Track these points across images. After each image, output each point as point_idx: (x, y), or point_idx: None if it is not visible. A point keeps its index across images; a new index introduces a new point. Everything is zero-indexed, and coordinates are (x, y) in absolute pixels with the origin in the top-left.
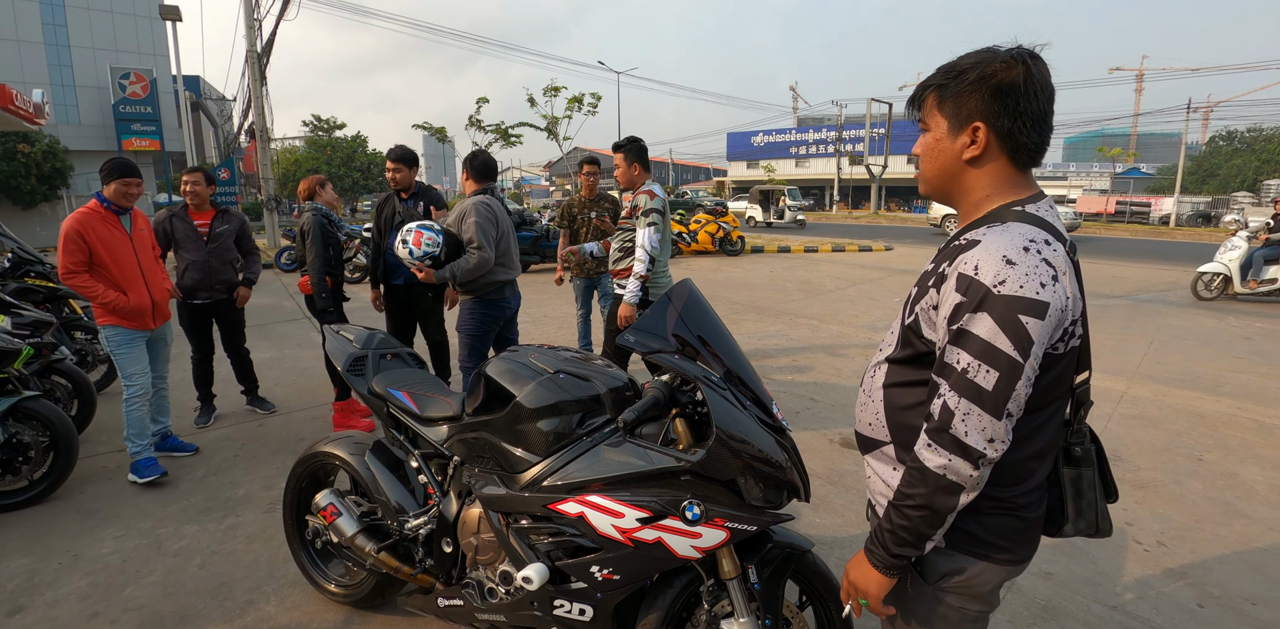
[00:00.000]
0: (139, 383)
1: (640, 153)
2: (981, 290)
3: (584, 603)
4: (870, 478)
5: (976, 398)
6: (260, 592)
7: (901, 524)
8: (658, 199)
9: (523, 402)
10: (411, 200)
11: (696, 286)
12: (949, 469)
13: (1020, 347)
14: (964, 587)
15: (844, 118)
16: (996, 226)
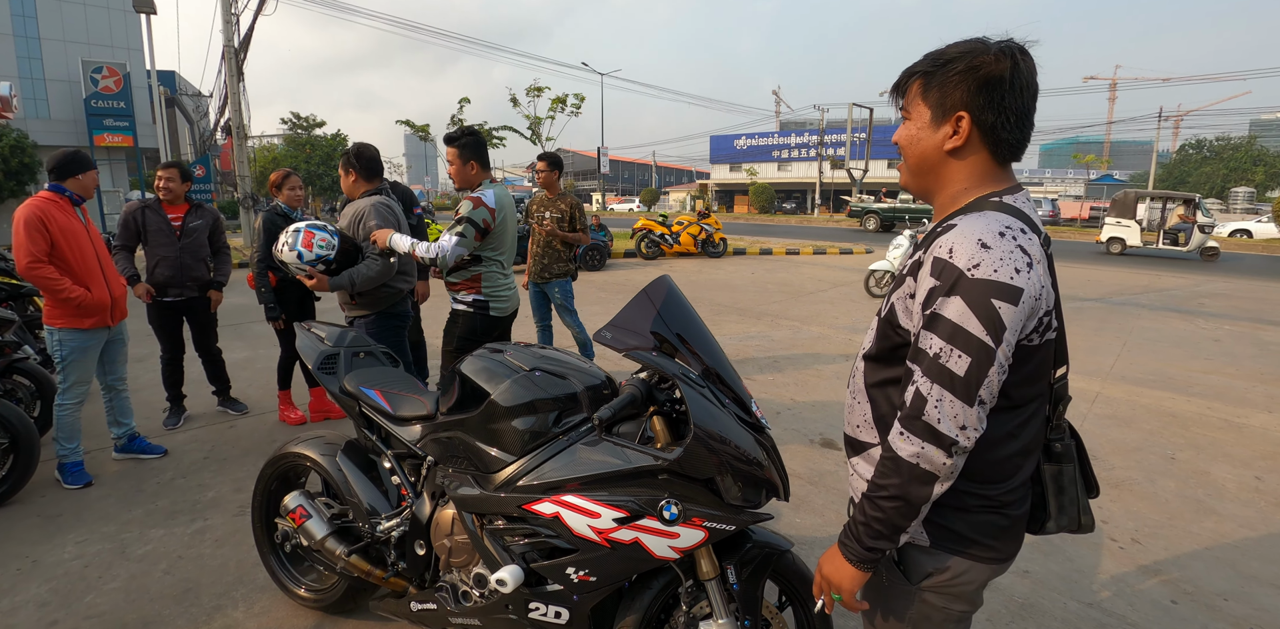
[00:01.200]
0: (79, 392)
1: (477, 148)
2: (955, 273)
3: (560, 606)
4: (853, 477)
5: (948, 384)
6: (228, 597)
7: (875, 516)
8: (481, 209)
9: (497, 400)
10: None
11: (675, 283)
12: (922, 457)
13: (992, 331)
14: (948, 586)
15: (826, 122)
16: (972, 214)
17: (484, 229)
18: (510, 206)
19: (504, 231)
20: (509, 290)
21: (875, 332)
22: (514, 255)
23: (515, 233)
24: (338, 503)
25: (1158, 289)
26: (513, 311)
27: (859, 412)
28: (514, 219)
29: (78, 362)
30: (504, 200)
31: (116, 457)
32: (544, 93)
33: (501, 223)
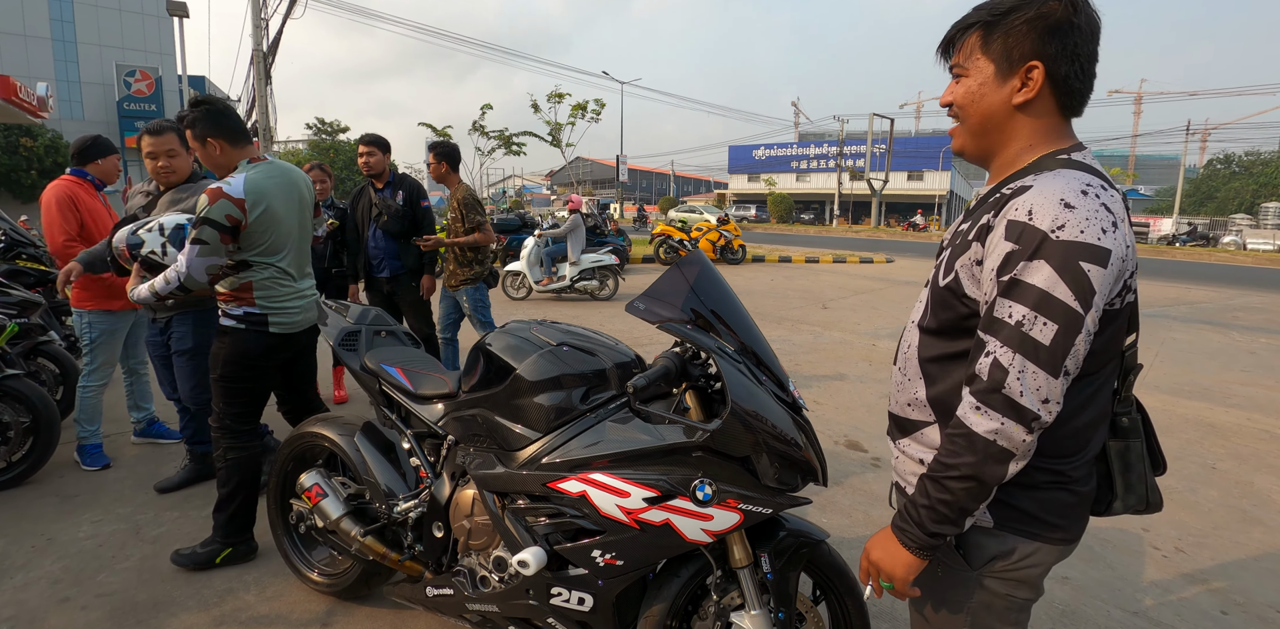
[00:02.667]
0: (104, 374)
1: (213, 120)
2: (1037, 236)
3: (584, 591)
4: (900, 460)
5: (1032, 354)
6: (240, 580)
7: (942, 498)
8: (222, 203)
9: (523, 374)
10: (388, 190)
11: (708, 258)
12: (1001, 434)
13: (1081, 297)
14: (1013, 570)
15: (845, 133)
16: (1046, 174)
17: (231, 228)
18: (281, 192)
19: (272, 227)
20: (299, 300)
21: (930, 303)
22: (304, 255)
23: (304, 227)
24: (354, 484)
25: (1188, 302)
26: (307, 329)
27: (910, 389)
28: (297, 208)
29: (106, 343)
30: (264, 185)
31: (135, 440)
32: (565, 99)
33: (263, 216)
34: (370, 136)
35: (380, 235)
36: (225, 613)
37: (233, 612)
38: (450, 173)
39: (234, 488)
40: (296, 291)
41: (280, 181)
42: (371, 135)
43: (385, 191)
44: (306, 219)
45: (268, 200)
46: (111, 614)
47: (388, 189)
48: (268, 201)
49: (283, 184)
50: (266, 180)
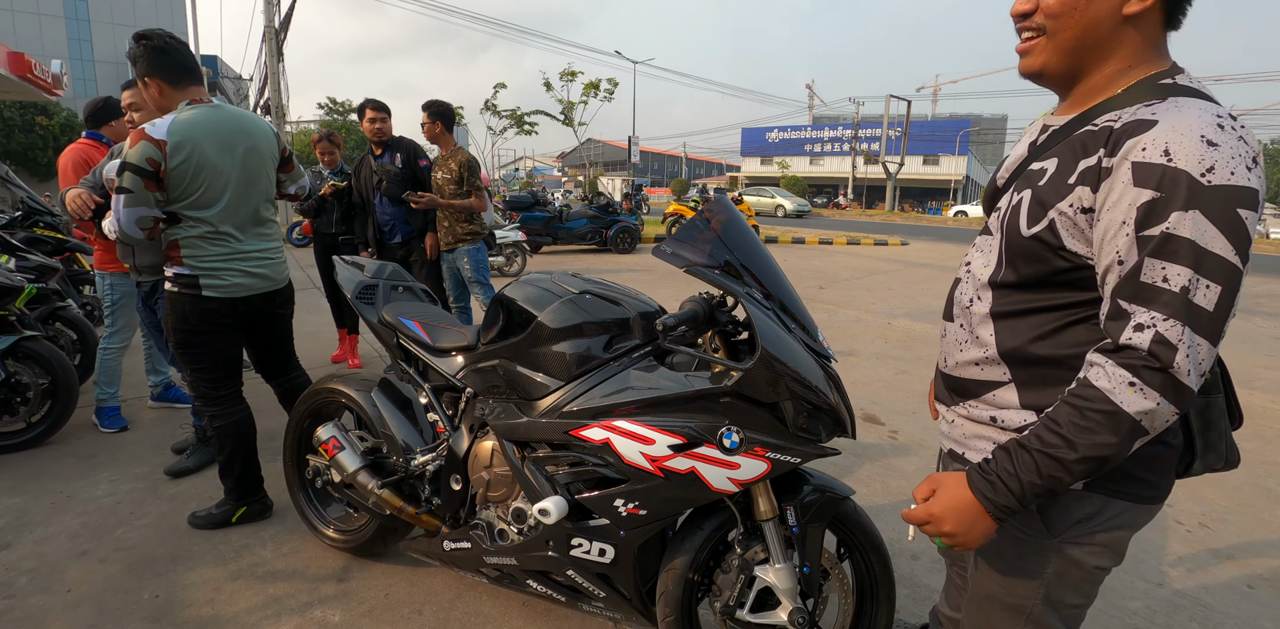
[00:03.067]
0: (124, 336)
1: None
2: (1184, 181)
3: (605, 542)
4: (955, 423)
5: (1199, 323)
6: (257, 537)
7: (1055, 476)
8: (143, 146)
9: (544, 322)
10: (385, 156)
11: (730, 202)
12: (1153, 415)
13: (1240, 249)
14: (1099, 533)
15: (860, 116)
16: (1161, 104)
17: (153, 173)
18: (217, 139)
19: (200, 176)
20: (240, 261)
21: (1006, 254)
22: (251, 212)
23: (252, 181)
24: (371, 437)
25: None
26: (258, 295)
27: (976, 347)
28: (239, 158)
29: (127, 306)
30: (194, 129)
31: (152, 405)
32: (577, 77)
33: (187, 163)
34: (378, 101)
35: (386, 202)
36: (242, 568)
37: (249, 567)
38: (444, 133)
39: (230, 454)
40: (236, 252)
41: (218, 127)
42: (378, 100)
43: (384, 157)
44: (258, 173)
45: (194, 145)
46: (130, 567)
47: (386, 154)
48: (194, 146)
49: (222, 130)
50: (199, 124)
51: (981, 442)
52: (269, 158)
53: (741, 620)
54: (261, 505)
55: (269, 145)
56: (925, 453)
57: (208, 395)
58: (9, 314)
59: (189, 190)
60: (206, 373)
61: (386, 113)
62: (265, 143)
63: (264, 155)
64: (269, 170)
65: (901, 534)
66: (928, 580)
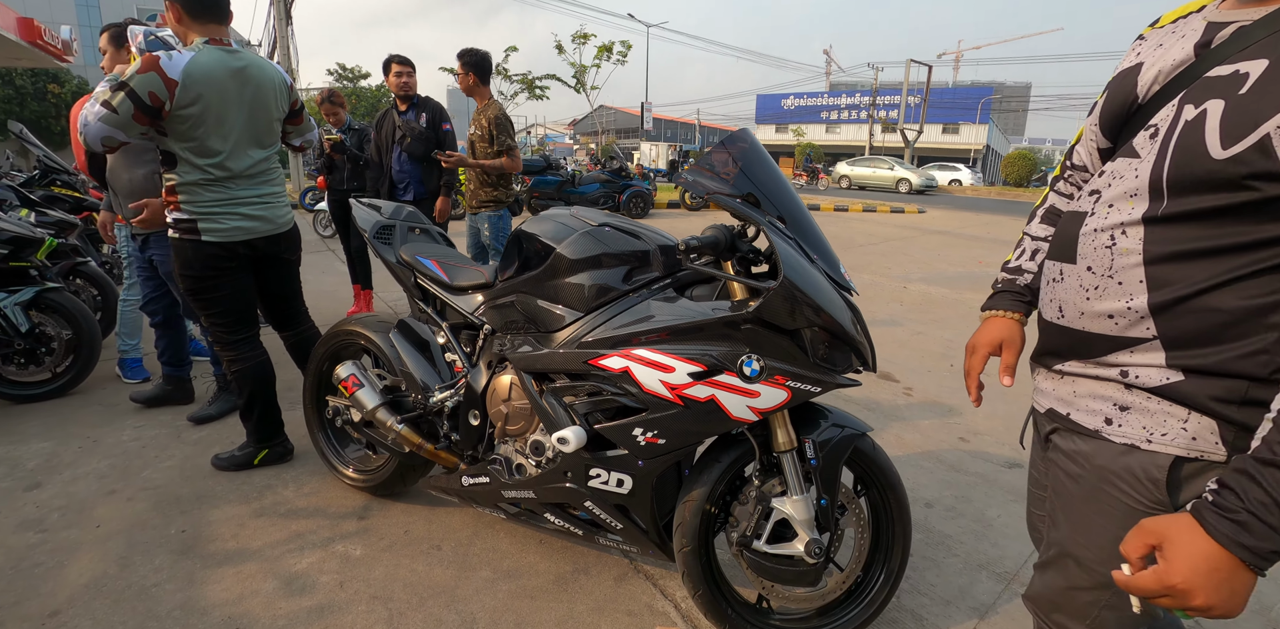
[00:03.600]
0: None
1: None
2: None
3: (623, 472)
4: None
5: None
6: (279, 478)
7: None
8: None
9: (563, 253)
10: (411, 112)
11: (753, 135)
12: None
13: None
14: None
15: (879, 83)
16: None
17: (151, 109)
18: (232, 87)
19: (205, 125)
20: (235, 206)
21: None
22: (253, 160)
23: (259, 132)
24: (390, 376)
25: None
26: (260, 238)
27: (1114, 296)
28: (247, 108)
29: None
30: (210, 74)
31: None
32: (590, 39)
33: (195, 109)
34: (403, 56)
35: (404, 158)
36: (265, 506)
37: (272, 505)
38: (479, 85)
39: (249, 397)
40: (233, 197)
41: (231, 75)
42: (402, 55)
43: (409, 114)
44: (264, 123)
45: (204, 93)
46: (156, 505)
47: (411, 111)
48: (204, 95)
49: (238, 78)
50: (214, 71)
51: (1098, 402)
52: (277, 108)
53: (758, 551)
54: (282, 449)
55: (279, 95)
56: (940, 409)
57: (224, 340)
58: (31, 266)
59: (190, 135)
60: (220, 318)
61: (412, 67)
62: (275, 93)
63: (272, 105)
64: (275, 120)
65: (919, 485)
66: (941, 527)
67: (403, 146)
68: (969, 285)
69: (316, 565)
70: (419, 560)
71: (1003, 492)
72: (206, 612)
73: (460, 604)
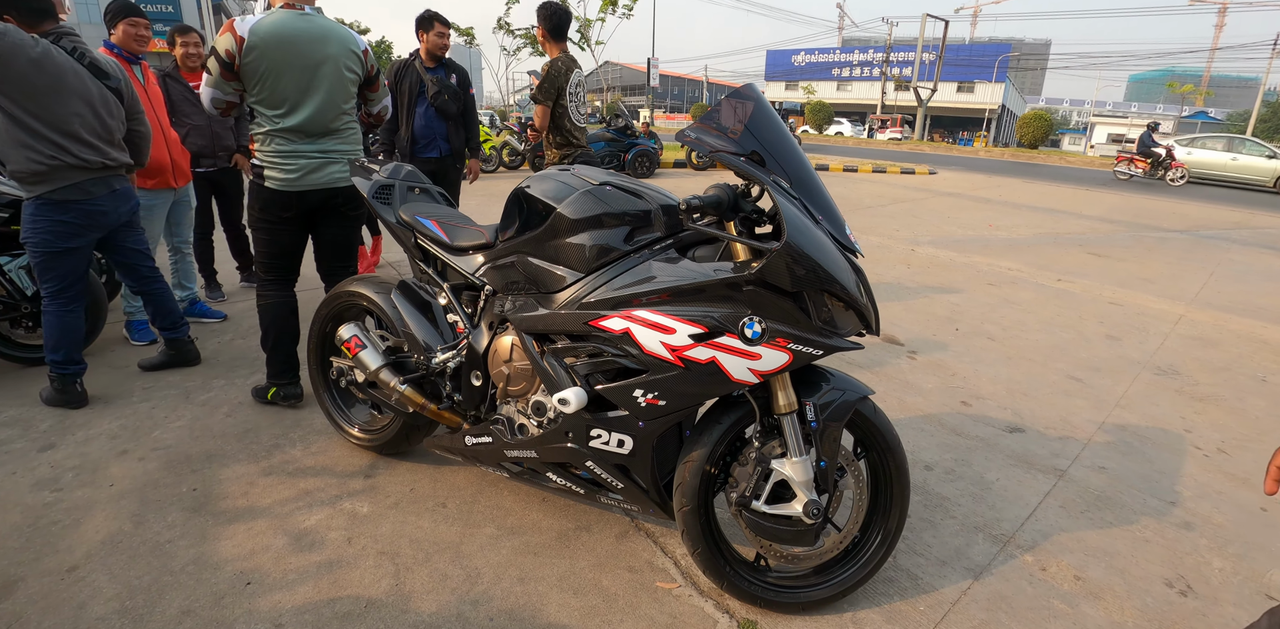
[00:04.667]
0: None
1: None
2: None
3: (623, 433)
4: None
5: None
6: (286, 438)
7: None
8: (226, 37)
9: (564, 212)
10: (440, 70)
11: (759, 91)
12: None
13: None
14: None
15: (893, 39)
16: None
17: (229, 64)
18: (292, 45)
19: (266, 78)
20: (299, 160)
21: None
22: (320, 120)
23: (321, 89)
24: (393, 337)
25: (1251, 226)
26: (315, 192)
27: None
28: (309, 67)
29: (149, 218)
30: (272, 32)
31: None
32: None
33: (254, 63)
34: (441, 15)
35: (433, 114)
36: (273, 465)
37: (280, 463)
38: (548, 41)
39: (265, 329)
40: (295, 151)
41: (297, 34)
42: (440, 14)
43: (438, 71)
44: (332, 84)
45: (265, 48)
46: (167, 464)
47: (440, 69)
48: (265, 49)
49: (300, 37)
50: (277, 29)
51: None
52: (346, 71)
53: (756, 511)
54: (290, 390)
55: (349, 59)
56: (943, 373)
57: (261, 278)
58: None
59: (257, 89)
60: (263, 256)
61: (450, 29)
62: (345, 56)
63: (340, 68)
64: (344, 83)
65: (919, 448)
66: (940, 489)
67: (437, 103)
68: (978, 249)
69: (325, 522)
70: (425, 517)
71: (1002, 455)
72: (219, 567)
73: (465, 560)
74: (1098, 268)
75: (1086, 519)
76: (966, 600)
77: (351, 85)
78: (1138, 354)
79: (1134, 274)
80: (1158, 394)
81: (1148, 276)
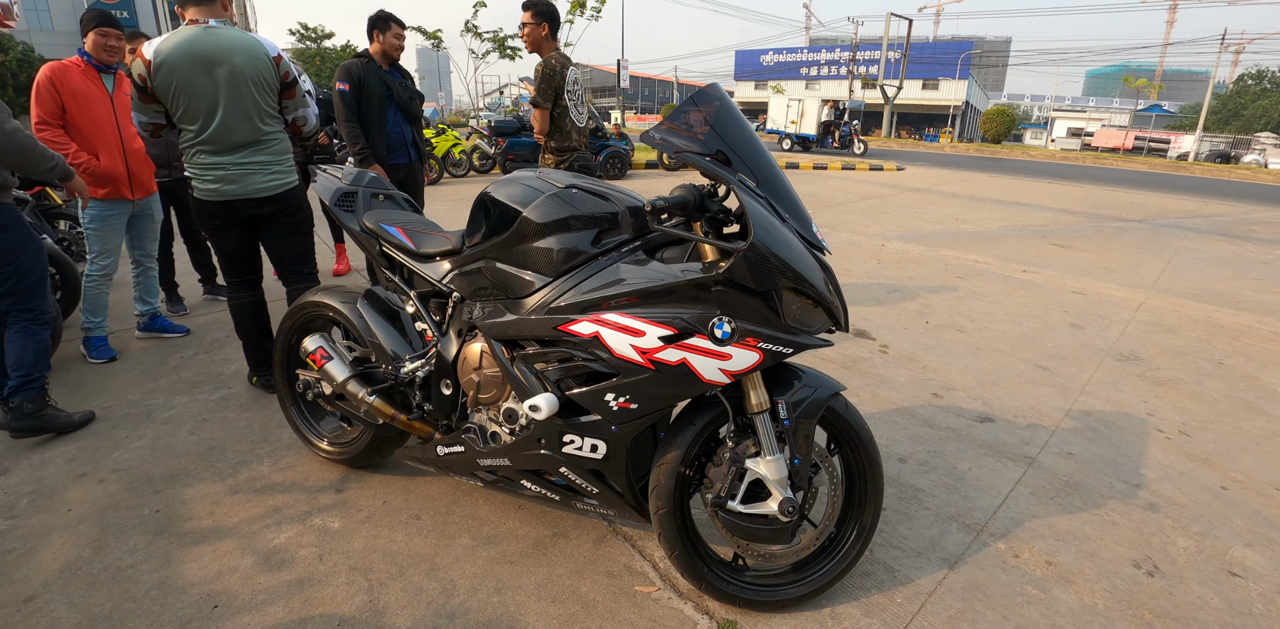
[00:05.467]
0: (103, 264)
1: None
2: None
3: (596, 437)
4: None
5: None
6: (253, 454)
7: None
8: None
9: (529, 216)
10: (395, 73)
11: (724, 91)
12: None
13: None
14: None
15: (859, 37)
16: None
17: (141, 86)
18: (200, 61)
19: (179, 95)
20: (217, 171)
21: None
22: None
23: (228, 99)
24: (360, 348)
25: (1204, 215)
26: (240, 201)
27: None
28: (216, 79)
29: (98, 231)
30: (175, 51)
31: (139, 335)
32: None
33: (167, 82)
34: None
35: (400, 119)
36: (240, 482)
37: (247, 481)
38: (549, 39)
39: (236, 329)
40: (215, 163)
41: (200, 48)
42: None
43: (395, 74)
44: (243, 95)
45: (171, 66)
46: (129, 486)
47: (394, 72)
48: (171, 67)
49: (203, 52)
50: (179, 46)
51: None
52: (257, 81)
53: (732, 511)
54: (269, 379)
55: (258, 68)
56: (915, 366)
57: (226, 277)
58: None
59: (173, 106)
60: (220, 260)
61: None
62: (253, 66)
63: (248, 78)
64: (257, 93)
65: (892, 441)
66: (914, 481)
67: (409, 108)
68: (946, 243)
69: (294, 539)
70: (398, 530)
71: (974, 445)
72: (184, 590)
73: (441, 572)
74: (1061, 258)
75: (1056, 505)
76: (942, 590)
77: (265, 94)
78: (1101, 341)
79: (1095, 263)
80: (1121, 380)
81: (1108, 266)
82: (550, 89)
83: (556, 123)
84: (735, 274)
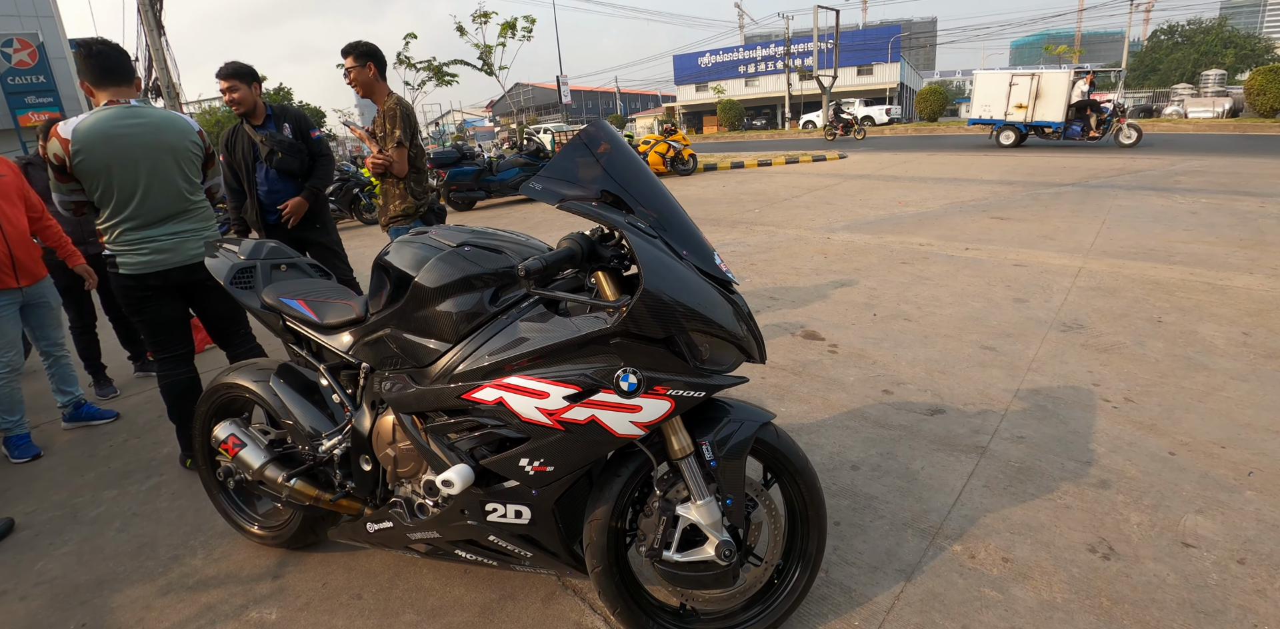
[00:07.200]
0: (9, 357)
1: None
2: None
3: (519, 504)
4: None
5: None
6: (186, 547)
7: None
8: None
9: (422, 282)
10: (270, 125)
11: (611, 127)
12: None
13: None
14: None
15: (791, 31)
16: None
17: (59, 167)
18: (119, 143)
19: (99, 178)
20: (150, 243)
21: None
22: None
23: (160, 180)
24: (276, 429)
25: (1133, 171)
26: (175, 269)
27: None
28: (136, 160)
29: (2, 325)
30: (95, 133)
31: (66, 426)
32: (491, 18)
33: (85, 165)
34: (228, 68)
35: (274, 176)
36: (171, 581)
37: (179, 578)
38: (378, 80)
39: (168, 408)
40: (144, 237)
41: (121, 130)
42: (230, 67)
43: (269, 127)
44: (166, 173)
45: (91, 149)
46: (53, 600)
47: (270, 124)
48: (91, 150)
49: (124, 133)
50: (100, 128)
51: None
52: (178, 158)
53: (668, 561)
54: None
55: (183, 145)
56: (864, 363)
57: (155, 354)
58: None
59: (91, 187)
60: (148, 335)
61: (240, 79)
62: (182, 142)
63: (171, 156)
64: (180, 170)
65: (844, 448)
66: (867, 489)
67: (272, 163)
68: (890, 228)
69: None
70: (338, 615)
71: (925, 441)
72: None
73: None
74: (1001, 232)
75: (1009, 495)
76: (900, 605)
77: (191, 167)
78: (1044, 314)
79: (1034, 233)
80: (1065, 352)
81: (1046, 233)
82: (409, 127)
83: (414, 164)
84: (631, 324)
